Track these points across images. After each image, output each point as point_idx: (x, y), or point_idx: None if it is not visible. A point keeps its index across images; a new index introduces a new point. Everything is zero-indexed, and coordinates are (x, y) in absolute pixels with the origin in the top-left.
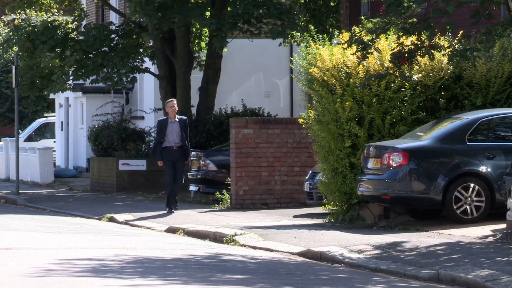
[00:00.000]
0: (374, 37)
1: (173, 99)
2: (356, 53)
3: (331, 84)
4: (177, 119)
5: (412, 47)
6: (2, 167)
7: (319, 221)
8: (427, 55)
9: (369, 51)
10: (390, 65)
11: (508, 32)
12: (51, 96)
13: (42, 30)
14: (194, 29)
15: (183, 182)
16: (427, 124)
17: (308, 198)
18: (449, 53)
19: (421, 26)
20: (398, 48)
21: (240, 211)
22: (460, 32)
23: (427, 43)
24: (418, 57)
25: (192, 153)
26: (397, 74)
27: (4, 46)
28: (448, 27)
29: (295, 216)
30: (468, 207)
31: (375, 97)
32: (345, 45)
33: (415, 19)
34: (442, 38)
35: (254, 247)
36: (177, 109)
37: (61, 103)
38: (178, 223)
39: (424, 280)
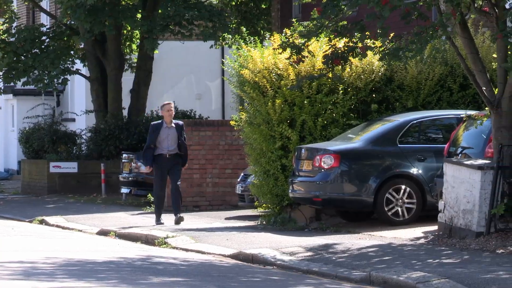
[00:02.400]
0: (306, 40)
1: (170, 102)
2: (291, 58)
3: (263, 86)
4: (173, 124)
5: (346, 48)
6: None
7: (251, 223)
8: (360, 56)
9: (303, 54)
10: (323, 66)
11: (439, 34)
12: None
13: None
14: (125, 31)
15: (179, 189)
16: (359, 126)
17: (240, 200)
18: (381, 53)
19: (354, 28)
20: (331, 49)
21: (172, 214)
22: (392, 34)
23: (360, 45)
24: (350, 58)
25: (124, 155)
26: (330, 75)
27: None
28: (378, 31)
29: (227, 218)
30: (399, 209)
31: (306, 99)
32: (280, 50)
33: (345, 22)
34: (376, 42)
35: (186, 250)
36: (173, 113)
37: None
38: (109, 225)
39: (356, 282)
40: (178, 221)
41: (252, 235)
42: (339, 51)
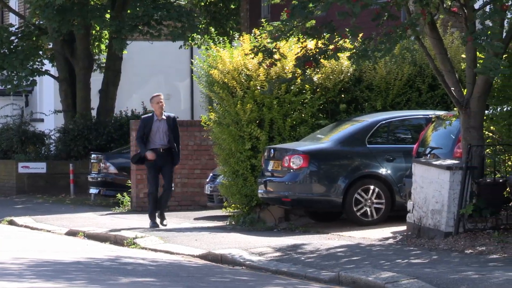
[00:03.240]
0: (277, 43)
1: (160, 93)
2: (264, 62)
3: (232, 86)
4: (164, 117)
5: (317, 50)
6: None
7: (220, 223)
8: (332, 58)
9: (274, 57)
10: (297, 69)
11: (408, 34)
12: None
13: None
14: (94, 31)
15: (172, 189)
16: (328, 127)
17: (209, 200)
18: (350, 53)
19: (324, 30)
20: (302, 51)
21: (141, 214)
22: (360, 35)
23: (331, 46)
24: (322, 60)
25: (93, 155)
26: (302, 77)
27: None
28: (348, 31)
29: (196, 219)
30: (368, 209)
31: (275, 100)
32: (252, 55)
33: (314, 21)
34: (347, 41)
35: (155, 250)
36: (164, 105)
37: None
38: (78, 226)
39: (324, 282)
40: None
41: (221, 235)
42: (311, 53)
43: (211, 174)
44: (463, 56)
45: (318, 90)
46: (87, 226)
